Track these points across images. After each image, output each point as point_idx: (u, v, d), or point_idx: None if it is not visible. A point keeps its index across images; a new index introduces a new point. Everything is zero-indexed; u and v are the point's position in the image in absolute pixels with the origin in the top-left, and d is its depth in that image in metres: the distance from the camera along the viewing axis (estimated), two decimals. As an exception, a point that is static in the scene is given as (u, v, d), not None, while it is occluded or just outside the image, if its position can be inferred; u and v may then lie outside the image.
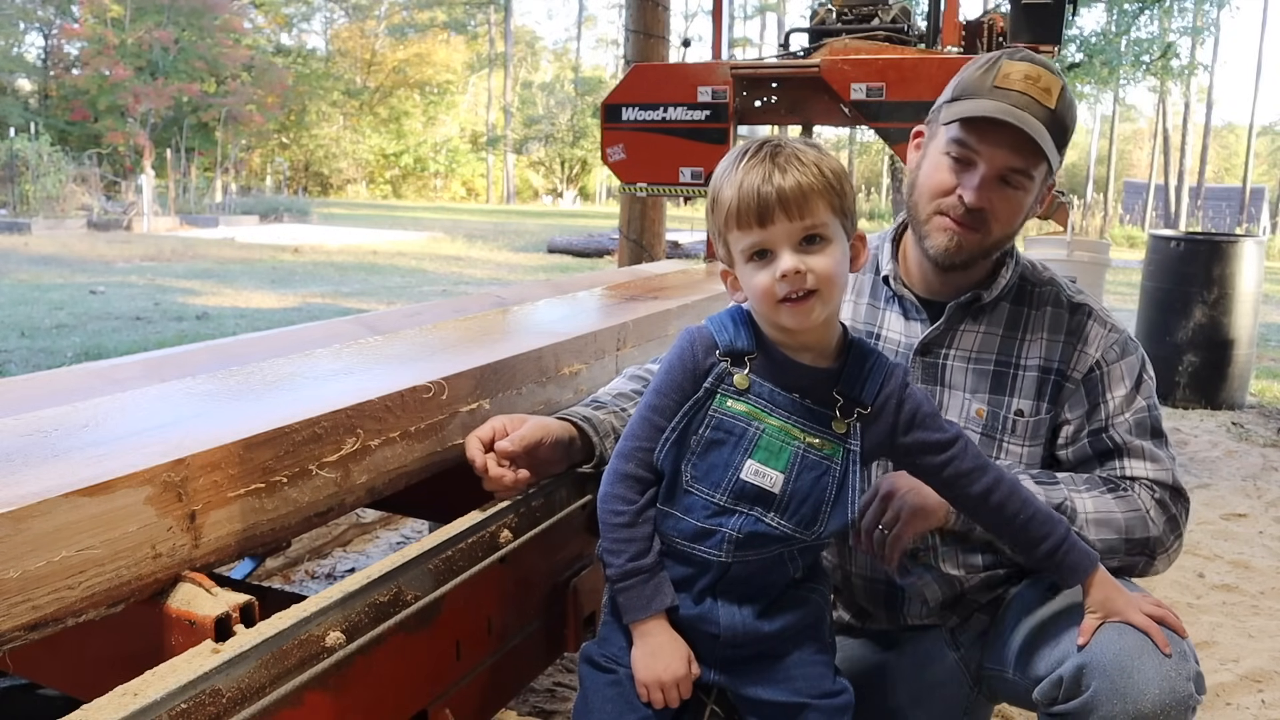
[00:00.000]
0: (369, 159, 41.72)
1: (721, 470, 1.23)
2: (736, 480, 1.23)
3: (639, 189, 4.08)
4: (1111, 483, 1.49)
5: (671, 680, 1.23)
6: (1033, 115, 1.41)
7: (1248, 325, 5.89)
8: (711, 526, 1.24)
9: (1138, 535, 1.45)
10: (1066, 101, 1.45)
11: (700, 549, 1.25)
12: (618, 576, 1.25)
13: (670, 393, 1.26)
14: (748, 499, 1.23)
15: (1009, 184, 1.45)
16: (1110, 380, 1.53)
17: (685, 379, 1.26)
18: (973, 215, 1.45)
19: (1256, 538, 3.74)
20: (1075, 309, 1.56)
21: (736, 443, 1.23)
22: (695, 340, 1.27)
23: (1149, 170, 36.76)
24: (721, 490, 1.23)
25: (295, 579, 3.04)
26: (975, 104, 1.43)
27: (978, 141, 1.43)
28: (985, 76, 1.45)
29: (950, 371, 1.56)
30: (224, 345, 2.02)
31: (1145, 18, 22.90)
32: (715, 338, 1.27)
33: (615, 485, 1.27)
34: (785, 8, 42.03)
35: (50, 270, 11.43)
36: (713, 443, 1.24)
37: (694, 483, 1.24)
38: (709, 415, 1.24)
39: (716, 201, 1.21)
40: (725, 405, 1.24)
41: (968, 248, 1.48)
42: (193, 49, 30.28)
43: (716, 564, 1.25)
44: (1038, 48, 3.80)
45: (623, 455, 1.28)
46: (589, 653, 1.34)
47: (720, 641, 1.26)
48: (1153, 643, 1.26)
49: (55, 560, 0.94)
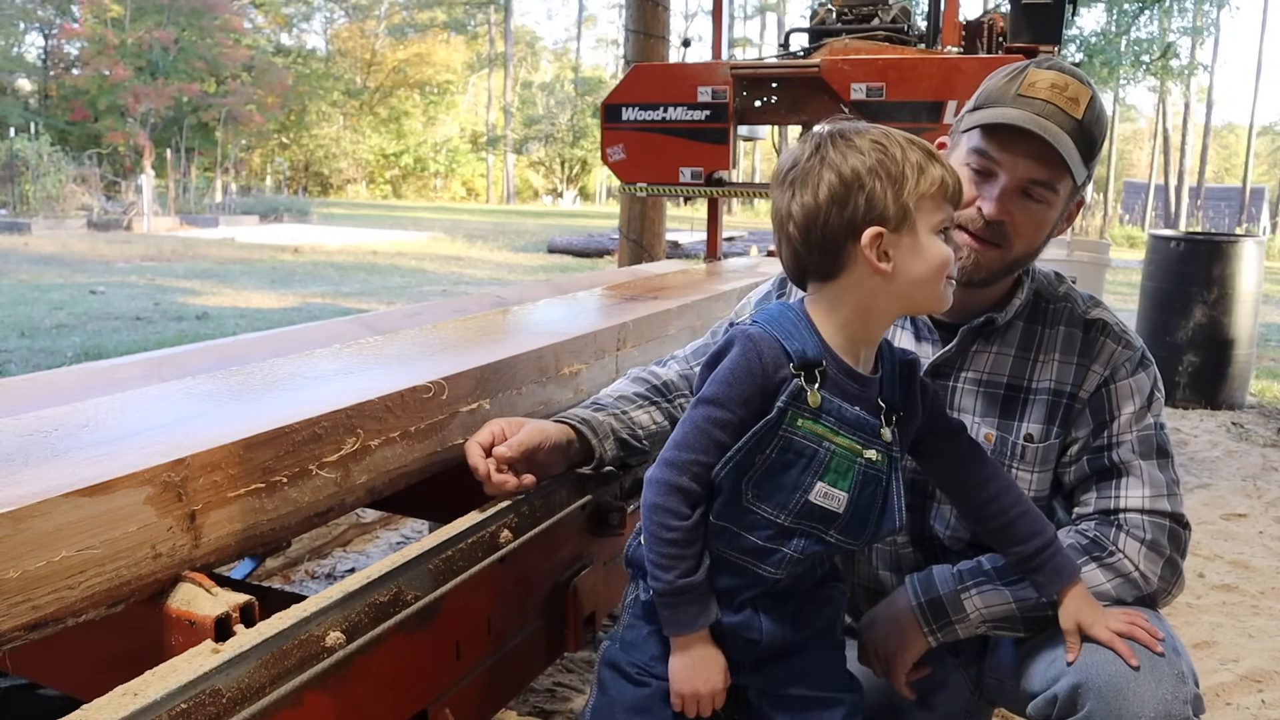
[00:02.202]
0: (369, 159, 41.74)
1: (789, 492, 1.19)
2: (805, 502, 1.19)
3: (639, 189, 4.08)
4: (1098, 545, 1.39)
5: (710, 693, 1.22)
6: (1058, 125, 1.34)
7: (1248, 325, 5.89)
8: (773, 546, 1.21)
9: (1129, 598, 1.38)
10: (1095, 112, 1.38)
11: (758, 566, 1.22)
12: (668, 592, 1.19)
13: (735, 406, 1.18)
14: (812, 519, 1.20)
15: (1031, 197, 1.39)
16: (1119, 397, 1.45)
17: (754, 393, 1.18)
18: (992, 229, 1.39)
19: (1256, 538, 3.74)
20: (1089, 326, 1.49)
21: (806, 465, 1.18)
22: (763, 349, 1.19)
23: (1149, 170, 36.76)
24: (787, 511, 1.19)
25: (295, 579, 3.04)
26: (997, 112, 1.38)
27: (998, 150, 1.37)
28: (1010, 84, 1.40)
29: (960, 395, 1.51)
30: (224, 345, 2.02)
31: (1145, 18, 22.92)
32: (785, 347, 1.19)
33: (667, 498, 1.19)
34: (785, 8, 42.07)
35: (50, 270, 11.43)
36: (782, 464, 1.18)
37: (756, 501, 1.19)
38: (779, 436, 1.18)
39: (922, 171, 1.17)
40: (797, 425, 1.18)
41: (987, 265, 1.41)
42: (193, 49, 30.29)
43: (768, 579, 1.23)
44: (1037, 48, 3.80)
45: (676, 466, 1.19)
46: (614, 658, 1.30)
47: (760, 647, 1.26)
48: (1151, 665, 1.23)
49: (55, 560, 0.94)
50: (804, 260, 1.22)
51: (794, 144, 1.27)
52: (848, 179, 1.15)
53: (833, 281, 1.21)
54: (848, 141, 1.18)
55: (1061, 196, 1.41)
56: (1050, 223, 1.43)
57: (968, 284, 1.43)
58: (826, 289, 1.22)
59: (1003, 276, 1.46)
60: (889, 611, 1.45)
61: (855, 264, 1.18)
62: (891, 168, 1.16)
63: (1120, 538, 1.39)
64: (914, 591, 1.43)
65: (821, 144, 1.19)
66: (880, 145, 1.17)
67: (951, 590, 1.40)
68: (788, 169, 1.21)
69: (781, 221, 1.22)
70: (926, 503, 1.54)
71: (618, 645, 1.31)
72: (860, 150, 1.16)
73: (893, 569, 1.57)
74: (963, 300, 1.50)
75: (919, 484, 1.53)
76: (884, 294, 1.19)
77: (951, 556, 1.49)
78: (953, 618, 1.39)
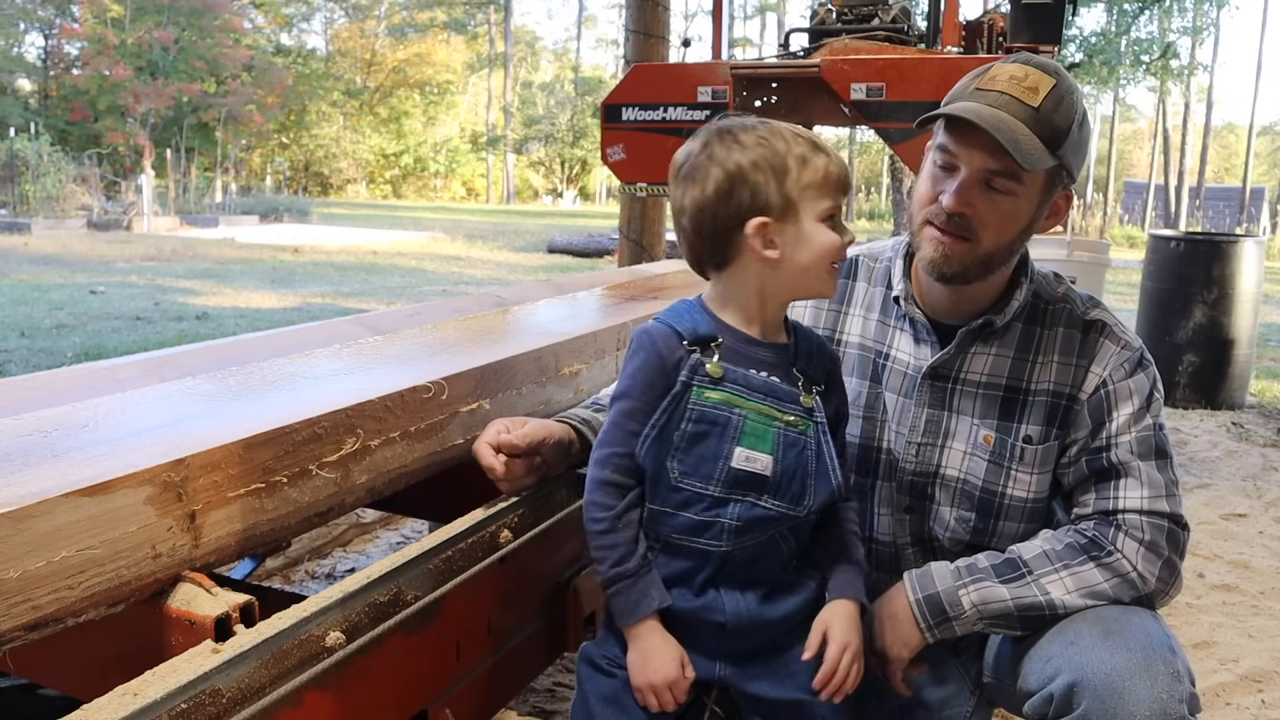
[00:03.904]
0: (369, 159, 41.74)
1: (711, 462, 1.24)
2: (728, 469, 1.24)
3: (639, 189, 4.08)
4: (1097, 545, 1.39)
5: (664, 683, 1.23)
6: (1011, 114, 1.34)
7: (1248, 325, 5.89)
8: (709, 519, 1.24)
9: (1126, 598, 1.37)
10: (1056, 99, 1.36)
11: (699, 541, 1.25)
12: (605, 582, 1.25)
13: (641, 394, 1.26)
14: (741, 486, 1.24)
15: (993, 188, 1.38)
16: (1117, 398, 1.45)
17: (656, 376, 1.26)
18: (955, 222, 1.39)
19: (1256, 538, 3.74)
20: (1088, 327, 1.49)
21: (722, 432, 1.24)
22: (655, 337, 1.27)
23: (1149, 170, 36.75)
24: (714, 481, 1.24)
25: (295, 579, 3.04)
26: (951, 107, 1.39)
27: (955, 144, 1.39)
28: (973, 80, 1.41)
29: (959, 397, 1.51)
30: (224, 345, 2.02)
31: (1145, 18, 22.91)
32: (676, 328, 1.27)
33: (594, 493, 1.27)
34: (785, 8, 42.05)
35: (50, 270, 11.43)
36: (697, 436, 1.24)
37: (683, 478, 1.25)
38: (688, 409, 1.24)
39: (805, 162, 1.24)
40: (703, 397, 1.24)
41: (956, 258, 1.41)
42: (193, 49, 30.29)
43: (716, 554, 1.25)
44: (1037, 48, 3.80)
45: (599, 462, 1.27)
46: (589, 653, 1.34)
47: (727, 631, 1.26)
48: (1147, 664, 1.23)
49: (55, 560, 0.94)
50: (699, 251, 1.29)
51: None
52: (732, 173, 1.23)
53: (726, 270, 1.29)
54: (734, 137, 1.25)
55: (1030, 187, 1.39)
56: (1022, 215, 1.41)
57: (944, 279, 1.45)
58: (722, 277, 1.30)
59: (981, 272, 1.44)
60: (888, 609, 1.45)
61: (744, 252, 1.26)
62: (775, 160, 1.23)
63: (1119, 538, 1.39)
64: (912, 588, 1.43)
65: (709, 140, 1.26)
66: (764, 140, 1.24)
67: (950, 587, 1.41)
68: (680, 165, 1.29)
69: (677, 215, 1.30)
70: (925, 505, 1.54)
71: (595, 643, 1.35)
72: (745, 145, 1.24)
73: (891, 570, 1.57)
74: (957, 301, 1.51)
75: (917, 485, 1.53)
76: (773, 279, 1.27)
77: (950, 558, 1.49)
78: (950, 615, 1.40)
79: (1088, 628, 1.32)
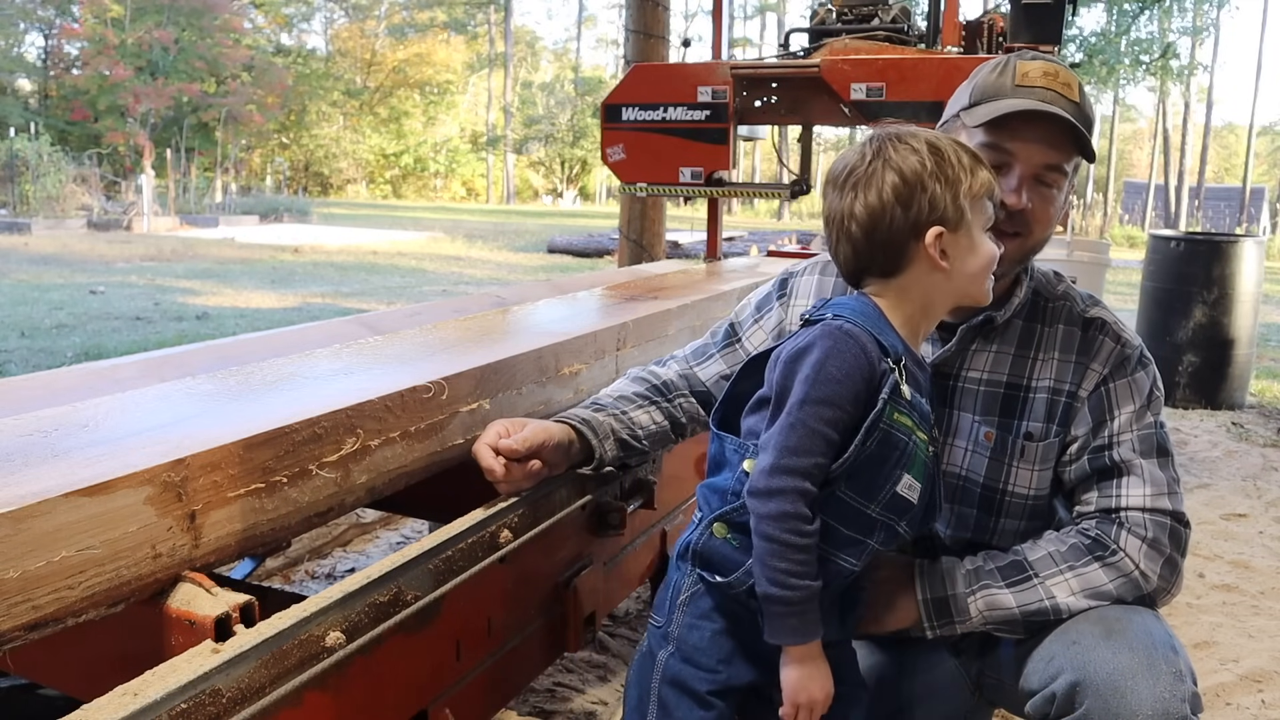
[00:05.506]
0: (369, 159, 41.73)
1: (880, 485, 1.21)
2: (892, 495, 1.21)
3: (639, 189, 4.07)
4: (1101, 544, 1.39)
5: (825, 701, 1.22)
6: (1062, 109, 1.38)
7: (1248, 325, 5.89)
8: (860, 537, 1.22)
9: (1130, 598, 1.38)
10: (1085, 96, 1.43)
11: (842, 557, 1.23)
12: (801, 600, 1.18)
13: (847, 404, 1.18)
14: (894, 511, 1.22)
15: (1043, 182, 1.42)
16: (1118, 396, 1.45)
17: (863, 388, 1.19)
18: (1013, 219, 1.41)
19: (1256, 538, 3.74)
20: (1088, 325, 1.49)
21: (899, 458, 1.21)
22: (865, 344, 1.20)
23: (1149, 170, 36.75)
24: (876, 502, 1.21)
25: (295, 579, 3.04)
26: (1007, 103, 1.39)
27: (1010, 140, 1.39)
28: (1002, 78, 1.43)
29: (961, 394, 1.51)
30: (224, 345, 2.02)
31: (1145, 18, 22.91)
32: (881, 340, 1.22)
33: (798, 503, 1.17)
34: (785, 8, 42.05)
35: (50, 270, 11.42)
36: (879, 458, 1.20)
37: (849, 491, 1.20)
38: (880, 429, 1.19)
39: (973, 173, 1.24)
40: (894, 419, 1.20)
41: (1009, 256, 1.40)
42: (193, 49, 30.29)
43: (846, 570, 1.24)
44: (1037, 48, 3.80)
45: (798, 472, 1.17)
46: (678, 675, 1.27)
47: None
48: (1150, 663, 1.23)
49: (55, 560, 0.94)
50: (865, 259, 1.27)
51: (850, 147, 1.33)
52: (910, 180, 1.22)
53: (895, 278, 1.26)
54: (906, 145, 1.23)
55: (1066, 180, 1.45)
56: (1060, 207, 1.46)
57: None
58: (889, 285, 1.27)
59: (1016, 267, 1.47)
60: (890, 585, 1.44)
61: (917, 261, 1.24)
62: (948, 170, 1.23)
63: (1122, 535, 1.39)
64: (920, 586, 1.43)
65: (882, 147, 1.24)
66: (936, 148, 1.24)
67: (959, 593, 1.41)
68: (846, 171, 1.26)
69: (842, 221, 1.26)
70: None
71: (678, 656, 1.28)
72: (918, 153, 1.22)
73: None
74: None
75: None
76: (941, 289, 1.27)
77: (950, 554, 1.49)
78: (956, 619, 1.40)
79: (1090, 627, 1.32)
